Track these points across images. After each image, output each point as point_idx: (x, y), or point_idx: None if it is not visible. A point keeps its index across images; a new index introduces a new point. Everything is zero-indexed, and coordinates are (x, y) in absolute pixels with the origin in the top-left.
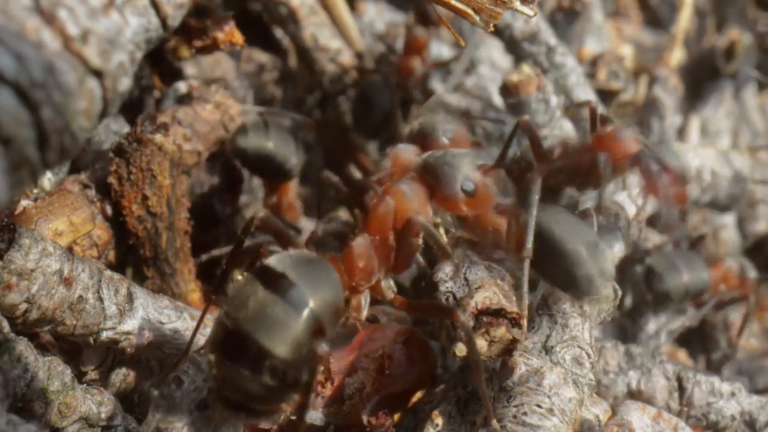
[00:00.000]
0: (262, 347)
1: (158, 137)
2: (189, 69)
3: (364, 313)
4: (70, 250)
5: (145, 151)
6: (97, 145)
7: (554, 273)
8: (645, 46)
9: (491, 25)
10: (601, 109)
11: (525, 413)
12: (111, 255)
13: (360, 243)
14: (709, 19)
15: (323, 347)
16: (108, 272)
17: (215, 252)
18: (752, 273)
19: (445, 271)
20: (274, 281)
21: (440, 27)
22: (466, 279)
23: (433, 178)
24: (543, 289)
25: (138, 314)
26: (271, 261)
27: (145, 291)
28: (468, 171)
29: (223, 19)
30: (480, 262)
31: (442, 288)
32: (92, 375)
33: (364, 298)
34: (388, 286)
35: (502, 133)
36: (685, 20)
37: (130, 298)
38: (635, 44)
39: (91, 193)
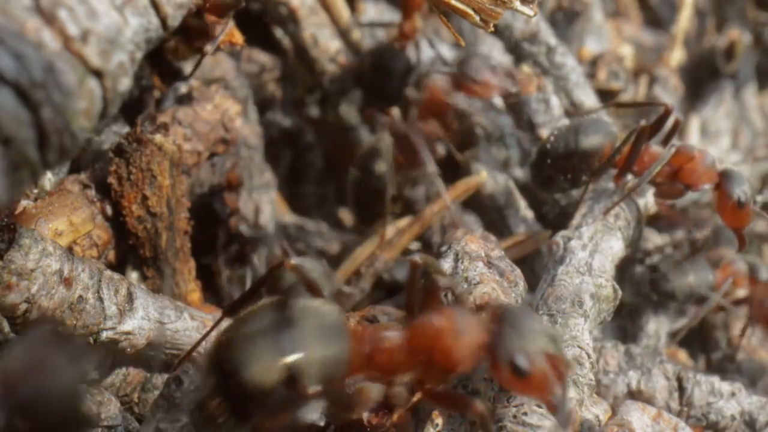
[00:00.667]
0: (235, 366)
1: (158, 137)
2: (189, 69)
3: (369, 405)
4: (70, 250)
5: (145, 151)
6: (97, 145)
7: None
8: (645, 46)
9: (491, 25)
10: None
11: (525, 413)
12: (111, 255)
13: (391, 338)
14: (709, 19)
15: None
16: (108, 272)
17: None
18: (765, 274)
19: (443, 268)
20: (279, 317)
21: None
22: (465, 275)
23: (493, 344)
24: (542, 289)
25: (138, 314)
26: (295, 300)
27: (145, 291)
28: (533, 349)
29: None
30: (479, 260)
31: (441, 284)
32: (92, 375)
33: (376, 390)
34: (400, 393)
35: (502, 134)
36: (685, 20)
37: (130, 298)
38: (635, 44)
39: (91, 193)
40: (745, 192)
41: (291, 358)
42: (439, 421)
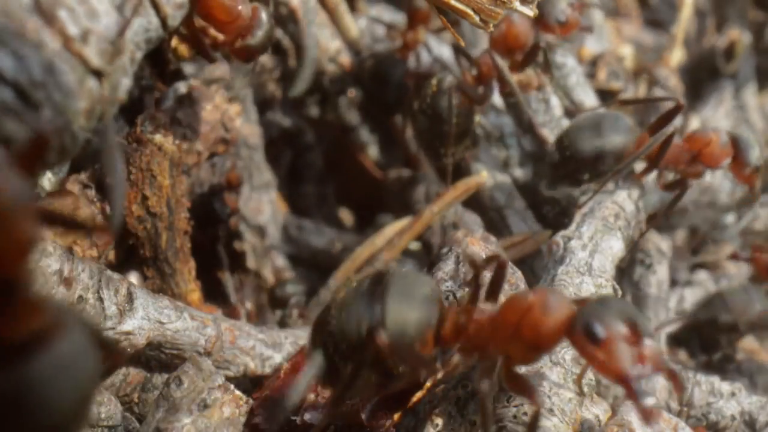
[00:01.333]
0: (330, 323)
1: (158, 137)
2: (189, 69)
3: (453, 372)
4: (70, 250)
5: (144, 151)
6: (98, 145)
7: None
8: (645, 46)
9: (491, 25)
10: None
11: (525, 413)
12: (111, 255)
13: (484, 311)
14: (709, 19)
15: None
16: (108, 272)
17: None
18: None
19: (444, 271)
20: (374, 286)
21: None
22: (466, 279)
23: (575, 316)
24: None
25: (138, 314)
26: (393, 270)
27: (145, 291)
28: (611, 320)
29: None
30: None
31: (442, 287)
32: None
33: (462, 363)
34: (487, 368)
35: (502, 134)
36: (685, 20)
37: (130, 298)
38: (635, 44)
39: (91, 193)
40: (759, 157)
41: (375, 314)
42: (439, 421)
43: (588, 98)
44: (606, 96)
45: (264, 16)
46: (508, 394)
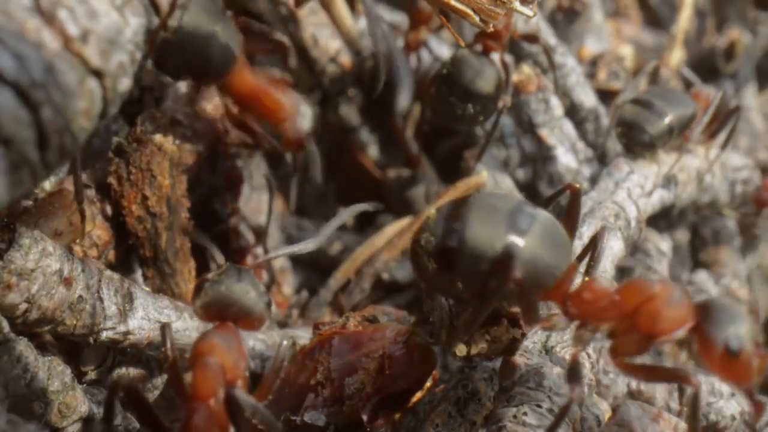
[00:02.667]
0: (465, 222)
1: (158, 137)
2: None
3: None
4: (70, 250)
5: (144, 151)
6: (97, 145)
7: None
8: (645, 46)
9: (491, 25)
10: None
11: (525, 413)
12: (111, 255)
13: (606, 283)
14: (709, 19)
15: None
16: (108, 272)
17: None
18: None
19: None
20: (526, 203)
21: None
22: None
23: (705, 323)
24: None
25: (138, 314)
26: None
27: (145, 291)
28: (744, 334)
29: None
30: None
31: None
32: (92, 375)
33: (562, 324)
34: (583, 337)
35: (502, 133)
36: (685, 20)
37: (130, 298)
38: (635, 44)
39: (91, 193)
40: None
41: (517, 240)
42: (439, 421)
43: (588, 98)
44: (606, 96)
45: (304, 107)
46: (508, 394)
